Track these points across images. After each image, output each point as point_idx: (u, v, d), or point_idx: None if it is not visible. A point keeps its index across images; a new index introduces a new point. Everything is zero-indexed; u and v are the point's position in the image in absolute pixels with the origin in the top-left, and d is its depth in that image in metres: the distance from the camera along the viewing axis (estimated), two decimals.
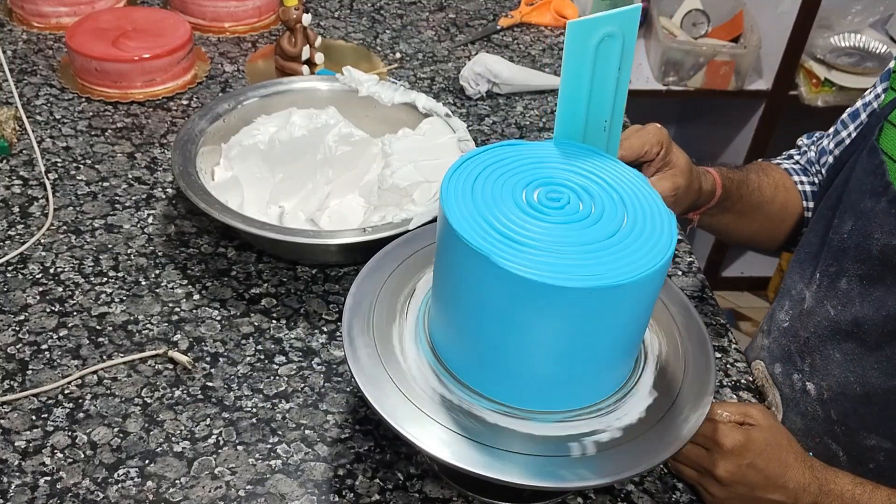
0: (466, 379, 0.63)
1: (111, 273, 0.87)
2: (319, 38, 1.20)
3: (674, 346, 0.69)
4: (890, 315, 0.74)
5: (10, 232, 0.91)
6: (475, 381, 0.63)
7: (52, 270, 0.87)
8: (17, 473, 0.68)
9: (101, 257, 0.89)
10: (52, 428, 0.72)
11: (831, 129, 0.93)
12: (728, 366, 0.86)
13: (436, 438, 0.59)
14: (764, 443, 0.71)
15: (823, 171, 0.93)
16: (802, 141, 0.99)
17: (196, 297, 0.86)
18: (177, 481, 0.69)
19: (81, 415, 0.73)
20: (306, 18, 1.15)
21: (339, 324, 0.84)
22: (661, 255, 0.57)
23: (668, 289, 0.74)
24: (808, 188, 0.94)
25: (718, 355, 0.86)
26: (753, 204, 0.90)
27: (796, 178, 0.95)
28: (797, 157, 0.98)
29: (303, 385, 0.78)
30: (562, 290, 0.54)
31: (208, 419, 0.74)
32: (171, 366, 0.78)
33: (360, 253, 0.86)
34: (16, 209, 0.94)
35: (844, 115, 0.90)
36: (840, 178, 0.84)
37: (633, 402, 0.64)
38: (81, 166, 1.01)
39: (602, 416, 0.63)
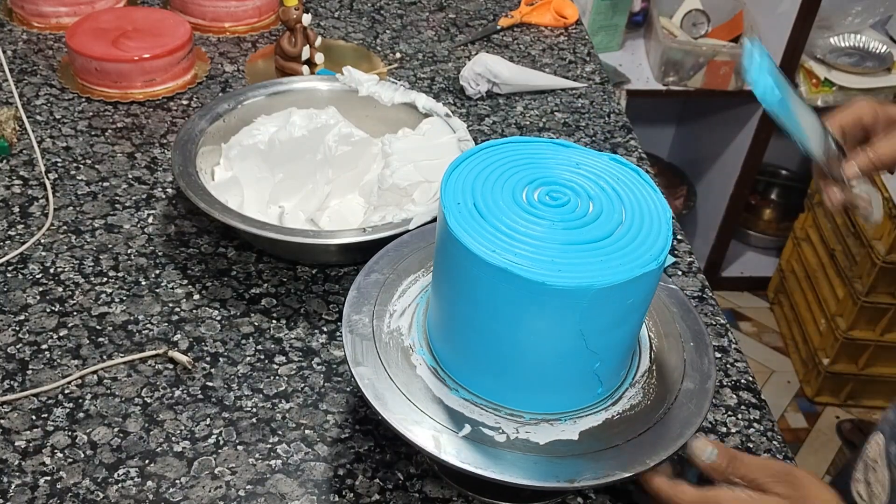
0: (463, 380, 0.63)
1: (111, 273, 0.87)
2: (319, 38, 1.20)
3: (673, 347, 0.69)
4: None
5: (10, 232, 0.91)
6: (472, 383, 0.63)
7: (52, 270, 0.87)
8: (17, 473, 0.68)
9: (101, 257, 0.89)
10: (52, 428, 0.72)
11: None
12: (728, 366, 0.86)
13: (436, 438, 0.59)
14: None
15: None
16: None
17: (196, 297, 0.86)
18: (177, 481, 0.69)
19: (81, 415, 0.73)
20: (306, 18, 1.15)
21: (339, 324, 0.84)
22: (655, 257, 0.57)
23: (668, 288, 0.74)
24: None
25: (718, 355, 0.86)
26: None
27: None
28: None
29: (303, 385, 0.78)
30: (554, 289, 0.54)
31: (208, 419, 0.74)
32: (171, 366, 0.78)
33: (360, 253, 0.86)
34: (16, 209, 0.94)
35: None
36: None
37: (632, 401, 0.64)
38: (81, 166, 1.01)
39: (600, 415, 0.63)
